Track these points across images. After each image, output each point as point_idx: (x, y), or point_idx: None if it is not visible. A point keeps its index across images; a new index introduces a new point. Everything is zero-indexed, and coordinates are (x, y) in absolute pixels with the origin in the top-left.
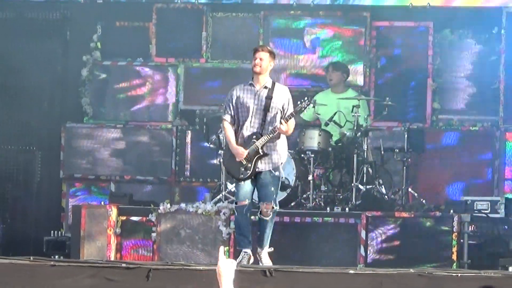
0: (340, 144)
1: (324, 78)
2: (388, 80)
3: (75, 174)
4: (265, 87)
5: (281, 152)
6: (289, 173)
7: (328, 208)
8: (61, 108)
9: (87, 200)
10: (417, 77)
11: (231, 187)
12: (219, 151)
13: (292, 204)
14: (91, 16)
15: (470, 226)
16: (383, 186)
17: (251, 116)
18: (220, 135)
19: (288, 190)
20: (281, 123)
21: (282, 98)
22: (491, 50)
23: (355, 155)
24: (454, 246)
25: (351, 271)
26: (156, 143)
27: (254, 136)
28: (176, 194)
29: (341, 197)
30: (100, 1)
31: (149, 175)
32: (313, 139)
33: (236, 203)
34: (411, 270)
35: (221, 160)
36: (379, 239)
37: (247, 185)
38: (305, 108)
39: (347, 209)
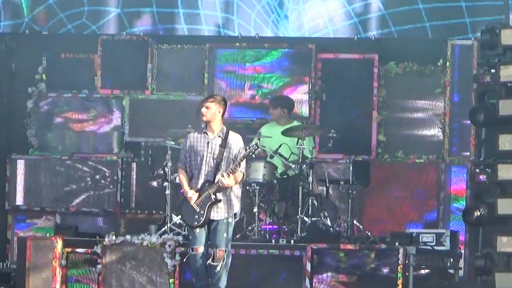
0: (285, 176)
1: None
2: (333, 112)
3: (20, 206)
4: (219, 136)
5: (235, 200)
6: None
7: (273, 241)
8: (7, 140)
9: (32, 232)
10: (362, 109)
11: (176, 219)
12: (165, 183)
13: (238, 236)
14: (36, 48)
15: (415, 259)
16: (328, 218)
17: (204, 165)
18: (166, 168)
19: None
20: (222, 176)
21: (235, 147)
22: (436, 82)
23: (300, 187)
24: (400, 279)
25: None
26: (101, 175)
27: (207, 184)
28: (121, 226)
29: (286, 229)
30: (45, 32)
31: (95, 207)
32: (258, 171)
33: (192, 250)
34: None
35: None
36: (324, 272)
37: (201, 232)
38: (253, 153)
39: (292, 241)
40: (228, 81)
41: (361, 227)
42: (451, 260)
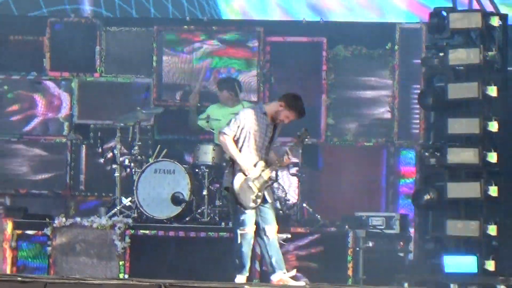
0: None
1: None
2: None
3: None
4: (272, 122)
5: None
6: (183, 188)
7: (223, 223)
8: None
9: None
10: (311, 92)
11: (126, 201)
12: (113, 166)
13: (187, 219)
14: None
15: (365, 242)
16: (277, 201)
17: (260, 145)
18: (115, 150)
19: (183, 205)
20: (287, 153)
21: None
22: (384, 65)
23: None
24: (350, 262)
25: (246, 286)
26: (50, 157)
27: (262, 165)
28: (71, 208)
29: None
30: None
31: (44, 189)
32: (207, 154)
33: (243, 230)
34: (306, 286)
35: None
36: None
37: (252, 213)
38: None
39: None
40: (175, 64)
41: (310, 210)
42: (401, 243)
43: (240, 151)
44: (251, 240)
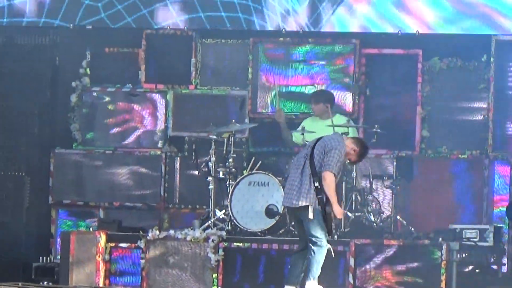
0: None
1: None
2: (377, 108)
3: (64, 200)
4: None
5: None
6: (277, 200)
7: None
8: (51, 134)
9: (76, 226)
10: (406, 104)
11: (219, 214)
12: (208, 178)
13: (281, 231)
14: (80, 42)
15: (459, 254)
16: (371, 213)
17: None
18: (209, 162)
19: (277, 217)
20: None
21: None
22: (480, 78)
23: (344, 182)
24: (443, 274)
25: None
26: (145, 169)
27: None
28: (165, 220)
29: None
30: (89, 27)
31: (138, 202)
32: None
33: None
34: None
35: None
36: (367, 267)
37: None
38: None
39: (336, 236)
40: (272, 76)
41: (404, 222)
42: (495, 256)
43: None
44: None
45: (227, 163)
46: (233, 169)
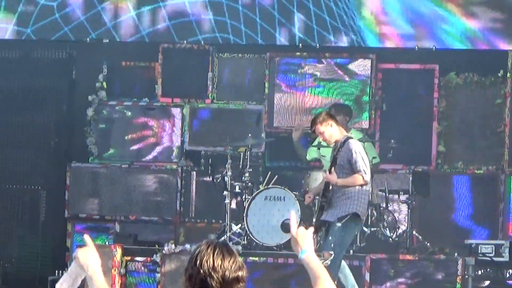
0: None
1: None
2: (393, 123)
3: (80, 214)
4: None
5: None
6: None
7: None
8: (67, 148)
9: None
10: (422, 119)
11: (235, 228)
12: (224, 192)
13: None
14: (97, 56)
15: (474, 270)
16: (387, 228)
17: None
18: (226, 177)
19: None
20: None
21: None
22: (496, 93)
23: None
24: None
25: None
26: (161, 183)
27: None
28: (181, 234)
29: None
30: (106, 40)
31: (154, 216)
32: (318, 181)
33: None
34: None
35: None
36: (383, 282)
37: None
38: None
39: (351, 251)
40: (288, 89)
41: (420, 237)
42: (510, 271)
43: None
44: None
45: (243, 178)
46: (249, 184)
